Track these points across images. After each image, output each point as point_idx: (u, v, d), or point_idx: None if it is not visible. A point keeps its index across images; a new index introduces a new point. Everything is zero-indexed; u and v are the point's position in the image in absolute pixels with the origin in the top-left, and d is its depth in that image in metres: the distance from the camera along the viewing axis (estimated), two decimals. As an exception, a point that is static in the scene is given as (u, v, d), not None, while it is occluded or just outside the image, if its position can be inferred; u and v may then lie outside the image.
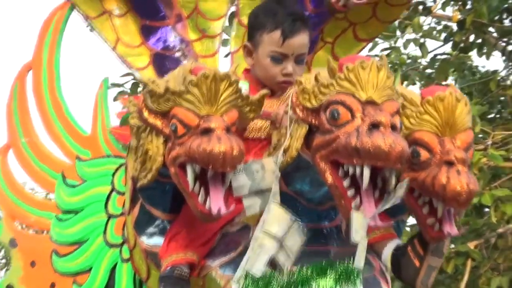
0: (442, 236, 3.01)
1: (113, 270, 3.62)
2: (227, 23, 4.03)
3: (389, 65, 3.30)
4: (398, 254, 3.18)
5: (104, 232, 3.67)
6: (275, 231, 2.86)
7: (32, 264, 3.67)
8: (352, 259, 2.85)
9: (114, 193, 3.70)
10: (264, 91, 3.10)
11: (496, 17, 9.03)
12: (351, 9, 3.68)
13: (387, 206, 2.84)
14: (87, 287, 3.62)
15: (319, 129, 2.82)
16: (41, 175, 3.74)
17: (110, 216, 3.68)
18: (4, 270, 19.51)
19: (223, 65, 3.51)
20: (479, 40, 9.10)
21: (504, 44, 9.29)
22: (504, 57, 9.43)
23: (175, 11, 3.72)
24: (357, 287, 2.83)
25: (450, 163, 2.85)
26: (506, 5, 8.77)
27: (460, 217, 3.06)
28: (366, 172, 2.68)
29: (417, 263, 3.14)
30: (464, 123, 2.98)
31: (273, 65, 3.39)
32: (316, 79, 2.82)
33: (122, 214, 3.56)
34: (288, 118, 2.94)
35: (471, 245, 7.84)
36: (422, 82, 9.01)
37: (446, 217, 2.95)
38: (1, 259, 20.02)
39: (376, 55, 9.33)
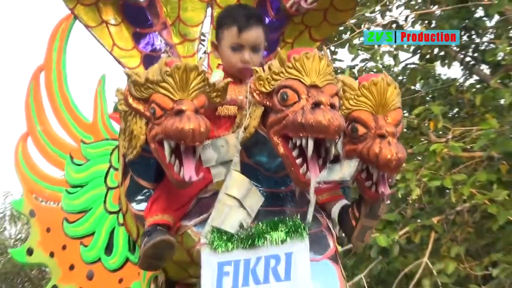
0: (377, 195, 3.03)
1: (112, 232, 3.65)
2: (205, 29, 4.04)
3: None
4: (343, 213, 3.22)
5: (104, 201, 3.69)
6: (235, 194, 2.89)
7: (48, 230, 3.72)
8: (301, 216, 2.89)
9: (111, 169, 3.72)
10: (227, 79, 3.12)
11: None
12: (306, 14, 3.74)
13: (337, 179, 2.97)
14: (91, 247, 3.64)
15: (272, 109, 2.83)
16: (53, 156, 3.78)
17: (108, 189, 3.71)
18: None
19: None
20: (442, 53, 9.22)
21: (462, 56, 9.30)
22: (462, 67, 9.46)
23: (161, 20, 3.75)
24: (304, 238, 2.85)
25: (382, 136, 2.90)
26: (463, 24, 8.79)
27: (392, 180, 3.07)
28: (310, 143, 2.70)
29: (353, 222, 3.19)
30: (394, 103, 3.01)
31: (233, 54, 3.43)
32: (269, 68, 2.84)
33: (118, 186, 3.56)
34: (247, 102, 2.96)
35: (434, 220, 7.86)
36: (396, 87, 9.04)
37: (380, 180, 2.99)
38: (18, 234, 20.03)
39: (356, 65, 9.81)
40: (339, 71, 8.87)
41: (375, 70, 9.77)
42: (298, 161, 2.79)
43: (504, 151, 7.57)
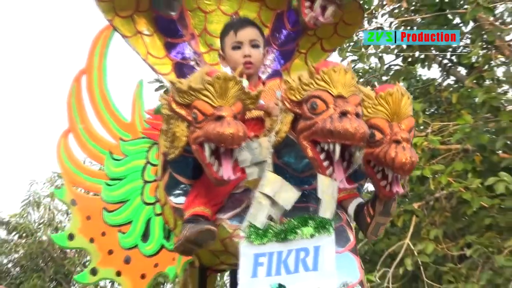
0: (392, 194, 3.05)
1: (148, 222, 3.67)
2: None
3: (355, 73, 3.36)
4: (358, 211, 3.24)
5: (141, 194, 3.69)
6: (268, 192, 2.88)
7: (88, 218, 3.71)
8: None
9: (148, 165, 3.73)
10: (260, 88, 3.14)
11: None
12: (319, 28, 3.75)
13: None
14: (129, 234, 3.65)
15: (302, 116, 2.84)
16: (93, 152, 3.78)
17: (145, 182, 3.71)
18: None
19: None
20: (422, 56, 9.22)
21: (440, 58, 9.32)
22: (440, 68, 9.49)
23: (189, 31, 3.76)
24: (330, 233, 2.85)
25: (397, 142, 2.92)
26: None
27: (405, 181, 3.11)
28: (337, 148, 2.73)
29: (368, 220, 3.21)
30: (407, 112, 3.03)
31: (234, 53, 3.50)
32: (299, 79, 2.85)
33: (154, 180, 3.61)
34: (279, 109, 2.96)
35: (415, 205, 7.93)
36: (380, 86, 9.06)
37: (395, 180, 3.01)
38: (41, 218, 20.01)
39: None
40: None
41: (361, 71, 10.08)
42: (325, 163, 2.81)
43: (477, 144, 7.62)
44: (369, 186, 4.10)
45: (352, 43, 9.48)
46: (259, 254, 2.88)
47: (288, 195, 2.89)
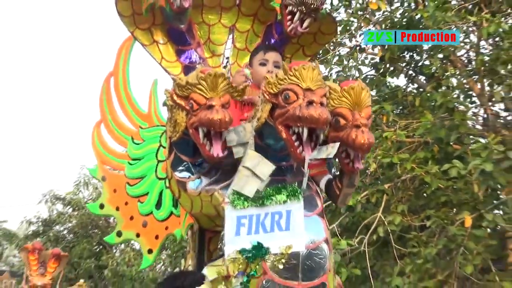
0: (354, 169, 3.07)
1: (160, 193, 3.68)
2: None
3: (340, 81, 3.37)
4: (328, 185, 3.27)
5: (155, 171, 3.70)
6: (248, 165, 2.90)
7: (114, 190, 3.72)
8: (298, 184, 2.92)
9: (161, 148, 3.73)
10: (246, 84, 3.25)
11: (403, 53, 9.06)
12: (301, 36, 3.74)
13: (324, 156, 2.92)
14: (146, 203, 3.67)
15: (278, 105, 2.82)
16: (119, 137, 3.79)
17: (158, 161, 3.71)
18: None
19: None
20: (392, 68, 9.19)
21: (406, 69, 9.31)
22: (406, 78, 9.48)
23: (196, 40, 3.75)
24: (299, 200, 2.87)
25: (358, 126, 2.93)
26: (407, 46, 8.80)
27: (364, 158, 3.09)
28: (305, 131, 2.75)
29: (337, 191, 3.23)
30: (366, 102, 3.02)
31: (261, 68, 3.49)
32: (276, 75, 2.85)
33: (165, 160, 3.59)
34: (260, 100, 2.94)
35: (386, 186, 7.90)
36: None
37: (356, 158, 3.03)
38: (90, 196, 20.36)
39: (331, 74, 9.61)
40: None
41: (344, 79, 9.77)
42: (296, 143, 2.80)
43: (436, 137, 7.64)
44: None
45: (336, 57, 9.47)
46: (241, 216, 2.87)
47: (265, 168, 2.90)
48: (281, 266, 2.74)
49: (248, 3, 3.85)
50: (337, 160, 3.21)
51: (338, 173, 3.30)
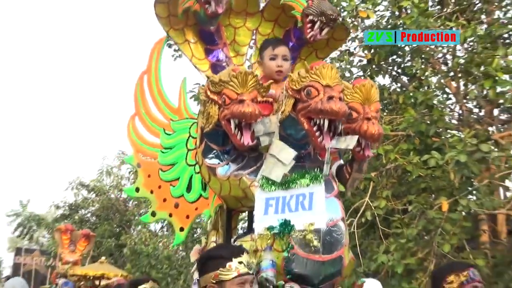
0: (364, 157, 3.10)
1: (191, 178, 3.64)
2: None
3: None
4: (339, 170, 3.25)
5: (185, 158, 3.67)
6: (275, 153, 2.92)
7: (149, 176, 3.70)
8: (319, 169, 2.94)
9: (190, 138, 3.70)
10: (270, 81, 3.17)
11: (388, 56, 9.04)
12: (315, 41, 3.70)
13: (343, 147, 2.97)
14: (177, 187, 3.64)
15: (300, 100, 2.84)
16: (152, 129, 3.75)
17: (188, 150, 3.68)
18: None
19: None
20: (378, 69, 9.12)
21: (390, 70, 9.35)
22: (390, 78, 9.47)
23: (223, 41, 3.73)
24: (321, 183, 2.89)
25: (368, 119, 2.98)
26: (392, 50, 8.78)
27: (373, 148, 3.11)
28: (326, 122, 2.78)
29: (347, 176, 3.23)
30: (375, 98, 3.07)
31: (271, 62, 3.47)
32: (298, 74, 2.88)
33: (194, 148, 3.58)
34: (284, 95, 2.95)
35: (373, 174, 7.89)
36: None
37: (366, 147, 3.05)
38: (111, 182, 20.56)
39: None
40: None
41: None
42: (317, 133, 2.82)
43: (417, 131, 7.65)
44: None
45: (329, 59, 9.42)
46: (269, 198, 2.90)
47: (287, 154, 2.92)
48: (307, 242, 2.75)
49: (270, 10, 3.84)
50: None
51: (349, 159, 3.29)
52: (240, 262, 2.48)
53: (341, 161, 3.31)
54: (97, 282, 7.78)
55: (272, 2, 3.83)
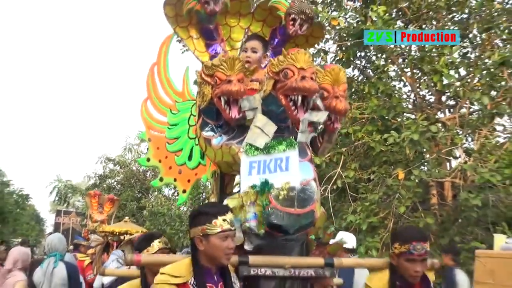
0: (334, 129, 3.01)
1: (191, 149, 3.58)
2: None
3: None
4: (312, 141, 3.12)
5: (187, 132, 3.60)
6: (259, 125, 2.84)
7: (157, 148, 3.64)
8: (293, 137, 2.86)
9: (191, 116, 3.64)
10: (254, 66, 3.14)
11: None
12: (297, 38, 3.68)
13: (315, 120, 2.88)
14: (181, 157, 3.57)
15: (279, 80, 2.75)
16: (161, 110, 3.68)
17: (189, 126, 3.61)
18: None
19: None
20: (347, 63, 9.03)
21: (358, 64, 9.36)
22: (358, 71, 9.62)
23: (220, 37, 3.66)
24: (295, 149, 2.82)
25: (337, 97, 2.87)
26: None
27: (341, 120, 3.03)
28: (299, 98, 2.71)
29: (319, 145, 3.13)
30: (343, 80, 2.95)
31: (243, 53, 3.51)
32: (277, 59, 2.78)
33: (194, 124, 3.50)
34: (266, 77, 2.87)
35: (343, 149, 7.99)
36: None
37: (336, 120, 2.96)
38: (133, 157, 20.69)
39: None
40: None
41: None
42: (293, 108, 2.74)
43: (379, 115, 7.66)
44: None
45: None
46: (252, 161, 2.81)
47: (270, 128, 2.84)
48: (283, 197, 2.68)
49: (260, 11, 3.77)
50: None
51: (321, 131, 3.17)
52: (224, 220, 2.40)
53: (315, 134, 3.17)
54: (122, 237, 7.74)
55: (261, 4, 3.77)
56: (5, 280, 5.26)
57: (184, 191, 3.57)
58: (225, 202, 2.91)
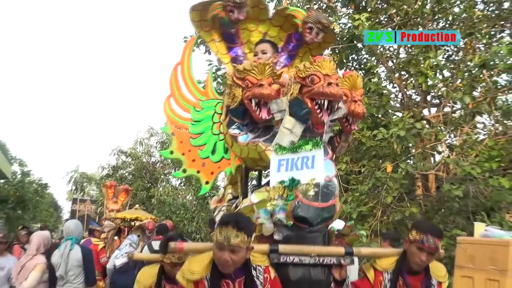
0: (351, 130, 3.03)
1: (215, 144, 3.54)
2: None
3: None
4: (330, 140, 3.11)
5: (211, 129, 3.57)
6: (288, 126, 2.85)
7: (181, 142, 3.58)
8: (319, 138, 2.88)
9: (215, 114, 3.61)
10: (282, 70, 3.15)
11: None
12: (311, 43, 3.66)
13: (335, 117, 2.87)
14: (204, 151, 3.53)
15: (305, 85, 2.76)
16: (184, 107, 3.62)
17: (213, 123, 3.58)
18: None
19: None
20: (340, 64, 8.88)
21: (350, 65, 9.27)
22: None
23: (240, 40, 3.66)
24: (320, 148, 2.83)
25: (355, 101, 2.89)
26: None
27: (358, 123, 3.06)
28: (326, 102, 2.71)
29: (336, 144, 3.10)
30: (359, 85, 2.98)
31: (253, 57, 3.53)
32: (304, 65, 2.79)
33: (219, 121, 3.53)
34: (292, 82, 2.87)
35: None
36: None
37: (353, 122, 2.98)
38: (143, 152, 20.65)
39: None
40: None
41: None
42: (318, 111, 2.76)
43: (370, 113, 7.56)
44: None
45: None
46: (281, 159, 2.83)
47: (298, 129, 2.85)
48: (309, 192, 2.70)
49: (277, 18, 3.76)
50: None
51: (338, 132, 3.19)
52: (221, 232, 2.35)
53: (332, 134, 3.19)
54: (132, 223, 7.74)
55: (279, 12, 3.77)
56: (26, 262, 5.31)
57: (207, 183, 3.54)
58: (253, 196, 2.94)
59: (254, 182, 4.05)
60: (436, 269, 2.94)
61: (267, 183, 2.97)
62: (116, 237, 7.51)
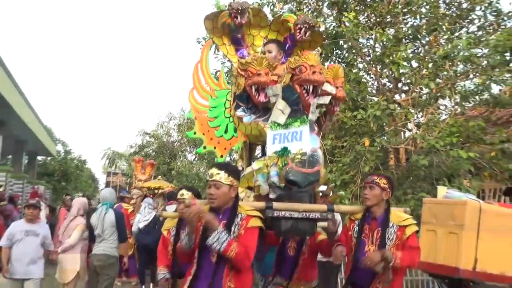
0: (334, 111, 3.14)
1: (227, 125, 3.63)
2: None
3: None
4: (318, 120, 3.17)
5: (224, 113, 3.65)
6: (280, 107, 2.92)
7: (201, 124, 3.66)
8: (305, 116, 2.94)
9: (226, 101, 3.68)
10: (276, 63, 3.17)
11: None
12: (303, 43, 3.72)
13: (321, 102, 2.97)
14: (219, 131, 3.62)
15: (295, 74, 2.85)
16: (204, 96, 3.70)
17: (225, 108, 3.66)
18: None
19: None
20: (325, 58, 8.81)
21: (334, 59, 9.13)
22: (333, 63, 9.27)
23: (245, 44, 3.68)
24: (307, 124, 2.91)
25: (337, 87, 2.97)
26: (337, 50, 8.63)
27: (339, 105, 3.13)
28: (311, 87, 2.81)
29: (322, 122, 3.18)
30: (341, 75, 3.05)
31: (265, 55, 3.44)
32: (294, 58, 2.88)
33: (229, 106, 3.58)
34: (284, 71, 2.96)
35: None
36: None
37: (336, 105, 3.08)
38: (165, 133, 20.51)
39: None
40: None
41: None
42: (305, 94, 2.84)
43: (350, 97, 7.54)
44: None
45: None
46: (275, 134, 2.91)
47: (287, 110, 2.91)
48: (298, 160, 2.80)
49: (275, 24, 3.83)
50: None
51: (323, 112, 3.24)
52: (212, 173, 2.62)
53: (318, 114, 3.21)
54: (156, 191, 7.89)
55: (276, 18, 3.86)
56: (69, 223, 5.51)
57: (221, 156, 3.63)
58: (254, 163, 3.04)
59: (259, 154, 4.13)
60: (396, 216, 3.01)
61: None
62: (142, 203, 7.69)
